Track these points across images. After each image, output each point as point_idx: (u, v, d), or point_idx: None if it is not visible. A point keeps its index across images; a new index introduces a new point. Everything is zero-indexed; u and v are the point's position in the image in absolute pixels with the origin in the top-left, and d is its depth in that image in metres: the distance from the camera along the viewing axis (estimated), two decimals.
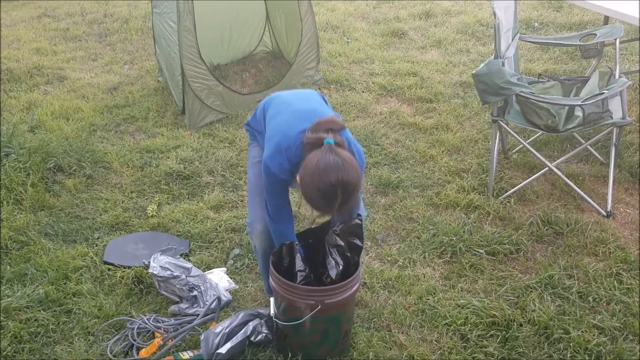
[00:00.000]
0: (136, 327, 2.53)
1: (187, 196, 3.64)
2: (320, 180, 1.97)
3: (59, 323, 2.59)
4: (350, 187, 1.99)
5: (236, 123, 4.47)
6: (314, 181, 1.99)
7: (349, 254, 2.31)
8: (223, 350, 2.33)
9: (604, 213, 3.33)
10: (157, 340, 2.48)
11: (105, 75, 5.41)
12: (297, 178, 2.10)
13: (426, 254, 3.09)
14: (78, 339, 2.51)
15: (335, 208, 2.03)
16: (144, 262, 2.87)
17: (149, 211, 3.44)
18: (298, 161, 2.15)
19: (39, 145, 3.80)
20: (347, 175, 1.97)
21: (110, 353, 2.42)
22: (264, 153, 2.26)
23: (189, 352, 2.44)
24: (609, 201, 3.34)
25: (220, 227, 3.30)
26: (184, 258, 3.02)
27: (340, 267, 2.28)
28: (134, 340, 2.49)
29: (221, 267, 3.02)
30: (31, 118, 4.48)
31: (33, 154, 3.70)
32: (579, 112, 3.22)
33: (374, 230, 3.29)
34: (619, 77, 3.34)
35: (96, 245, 3.14)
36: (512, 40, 3.62)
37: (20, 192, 3.46)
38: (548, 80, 3.71)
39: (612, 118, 3.23)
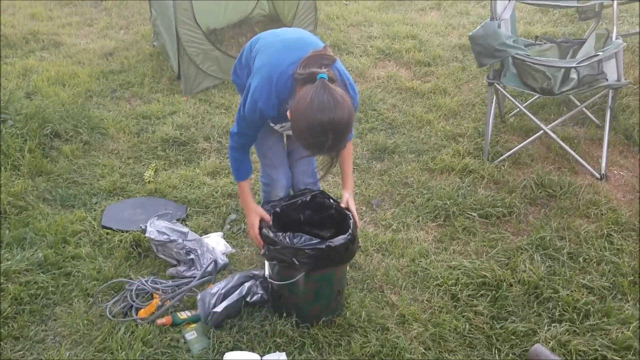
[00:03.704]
0: (135, 288, 2.58)
1: (183, 162, 3.66)
2: (311, 120, 1.89)
3: (58, 285, 2.65)
4: (342, 128, 1.93)
5: (232, 88, 4.46)
6: (305, 120, 1.91)
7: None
8: (219, 309, 2.38)
9: (598, 176, 3.35)
10: (156, 301, 2.53)
11: (101, 41, 5.38)
12: (288, 113, 2.02)
13: (420, 218, 3.13)
14: (77, 301, 2.56)
15: (325, 149, 1.98)
16: (141, 227, 2.91)
17: (146, 177, 3.47)
18: (287, 96, 2.09)
19: (36, 111, 3.80)
20: (340, 117, 1.90)
21: (110, 314, 2.48)
22: (252, 83, 2.16)
23: (186, 312, 2.49)
24: (603, 164, 3.35)
25: (216, 192, 3.33)
26: (181, 223, 3.05)
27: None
28: (133, 301, 2.54)
29: (218, 231, 3.06)
30: (27, 84, 4.48)
31: (30, 120, 3.71)
32: (574, 75, 3.20)
33: (368, 196, 3.32)
34: (616, 39, 3.31)
35: (94, 210, 3.17)
36: (509, 1, 3.57)
37: (17, 157, 3.48)
38: (545, 43, 3.68)
39: (607, 80, 3.21)
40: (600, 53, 3.11)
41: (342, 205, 2.47)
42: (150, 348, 2.29)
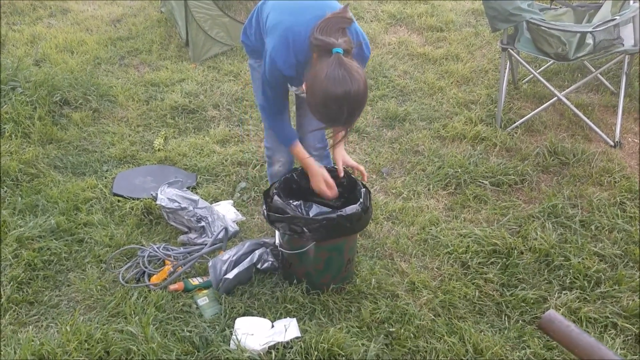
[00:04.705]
0: (147, 255, 2.61)
1: (193, 130, 3.65)
2: (327, 95, 1.92)
3: (71, 252, 2.67)
4: (358, 102, 1.96)
5: (241, 55, 4.41)
6: (321, 94, 1.94)
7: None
8: (230, 275, 2.40)
9: (612, 143, 3.31)
10: (167, 268, 2.55)
11: (108, 7, 5.32)
12: (304, 86, 2.05)
13: (431, 186, 3.11)
14: (91, 267, 2.59)
15: (341, 123, 2.02)
16: (152, 194, 2.92)
17: (156, 145, 3.47)
18: (305, 58, 2.09)
19: (45, 79, 3.79)
20: (355, 91, 1.92)
21: (123, 279, 2.51)
22: (269, 43, 2.15)
23: (198, 278, 2.52)
24: (617, 131, 3.30)
25: (226, 161, 3.33)
26: (192, 191, 3.06)
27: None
28: (145, 267, 2.56)
29: (228, 199, 3.06)
30: (35, 51, 4.45)
31: (39, 88, 3.70)
32: (589, 40, 3.13)
33: (379, 164, 3.30)
34: (634, 3, 3.22)
35: (105, 178, 3.18)
36: None
37: (28, 125, 3.48)
38: (560, 7, 3.59)
39: (623, 45, 3.14)
40: (617, 17, 3.03)
41: (339, 165, 2.47)
42: (163, 313, 2.32)
